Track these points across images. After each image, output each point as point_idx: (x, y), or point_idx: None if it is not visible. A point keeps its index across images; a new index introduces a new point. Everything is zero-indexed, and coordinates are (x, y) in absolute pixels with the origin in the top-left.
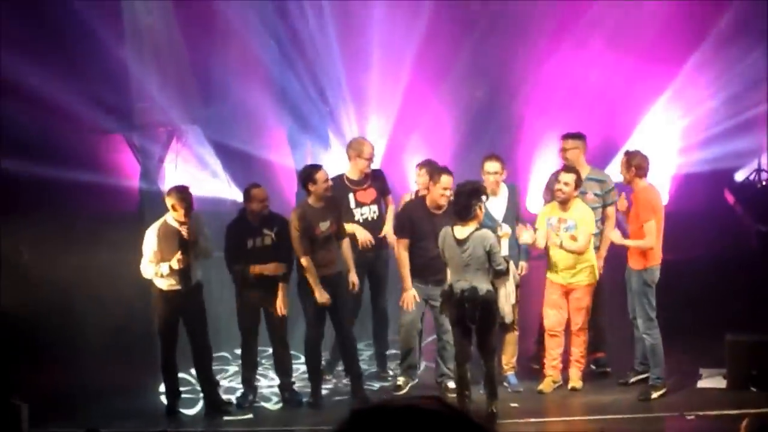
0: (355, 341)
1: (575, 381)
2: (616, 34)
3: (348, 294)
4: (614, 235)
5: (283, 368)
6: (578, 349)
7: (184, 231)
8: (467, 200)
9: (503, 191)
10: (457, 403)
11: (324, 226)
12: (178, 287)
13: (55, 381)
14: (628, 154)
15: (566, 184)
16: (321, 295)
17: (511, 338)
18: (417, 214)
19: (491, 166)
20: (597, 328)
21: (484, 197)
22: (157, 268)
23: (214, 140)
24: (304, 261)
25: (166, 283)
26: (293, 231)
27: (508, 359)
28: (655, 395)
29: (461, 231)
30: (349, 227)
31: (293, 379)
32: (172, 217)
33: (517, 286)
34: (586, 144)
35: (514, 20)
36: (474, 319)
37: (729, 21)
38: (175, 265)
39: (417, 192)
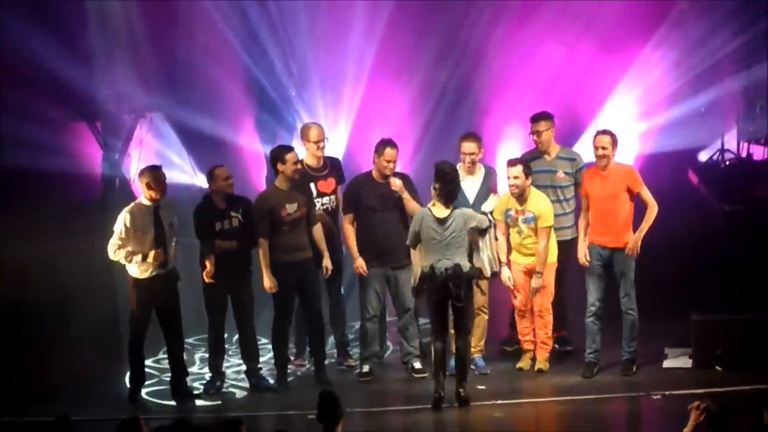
0: (323, 327)
1: (542, 363)
2: (579, 17)
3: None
4: (632, 243)
5: (249, 354)
6: (543, 331)
7: (164, 215)
8: (454, 183)
9: (480, 171)
10: (434, 384)
11: (291, 208)
12: (154, 273)
13: (24, 370)
14: (609, 132)
15: (516, 177)
16: (267, 280)
17: (480, 321)
18: (364, 186)
19: (468, 146)
20: (559, 306)
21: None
22: (130, 257)
23: (178, 126)
24: (261, 242)
25: (139, 271)
26: (255, 211)
27: (476, 342)
28: (634, 368)
29: (441, 211)
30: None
31: (260, 365)
32: (146, 198)
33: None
34: (554, 123)
35: (479, 5)
36: (459, 298)
37: (690, 1)
38: (151, 260)
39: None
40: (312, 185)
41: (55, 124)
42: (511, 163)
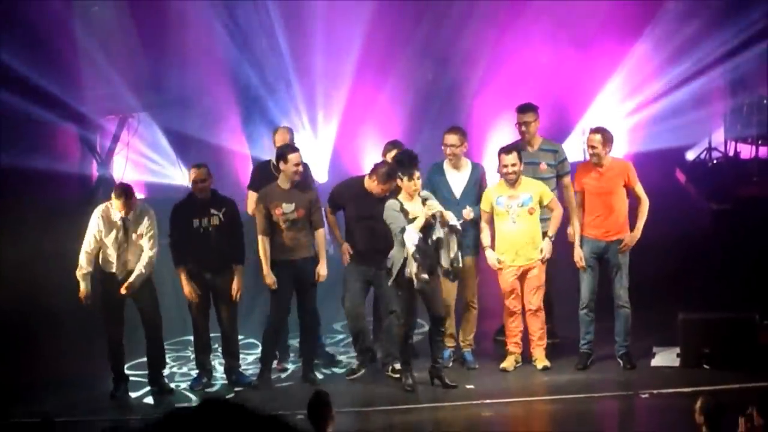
0: (316, 328)
1: (543, 360)
2: (567, 15)
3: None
4: (630, 239)
5: (230, 351)
6: (539, 328)
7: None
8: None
9: (466, 167)
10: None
11: (288, 208)
12: (119, 275)
13: (8, 371)
14: (601, 131)
15: (513, 164)
16: (267, 276)
17: (470, 316)
18: (353, 192)
19: (448, 138)
20: (545, 300)
21: (406, 170)
22: (81, 270)
23: (166, 127)
24: (258, 239)
25: (107, 266)
26: (256, 207)
27: (465, 336)
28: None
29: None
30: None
31: (239, 363)
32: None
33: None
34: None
35: (466, 3)
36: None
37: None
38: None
39: None
40: None
41: (40, 124)
42: (507, 150)
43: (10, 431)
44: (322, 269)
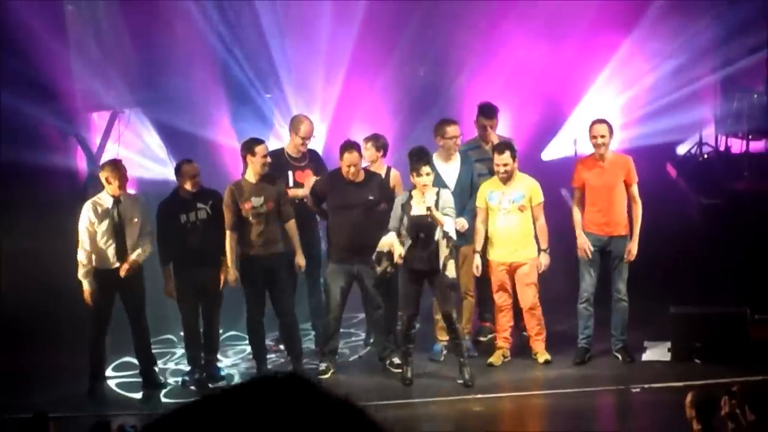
0: (295, 324)
1: (544, 354)
2: (558, 10)
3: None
4: (634, 249)
5: (210, 345)
6: (536, 323)
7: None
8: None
9: (456, 158)
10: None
11: (257, 201)
12: (114, 266)
13: (1, 365)
14: (606, 121)
15: (505, 164)
16: (231, 273)
17: (466, 304)
18: (331, 184)
19: (452, 130)
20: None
21: (413, 165)
22: (83, 268)
23: (157, 122)
24: (227, 234)
25: (100, 262)
26: (224, 203)
27: (463, 325)
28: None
29: None
30: None
31: (217, 356)
32: (107, 193)
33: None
34: None
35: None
36: None
37: None
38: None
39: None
40: (290, 174)
41: (29, 120)
42: (499, 150)
43: (3, 426)
44: (300, 259)
